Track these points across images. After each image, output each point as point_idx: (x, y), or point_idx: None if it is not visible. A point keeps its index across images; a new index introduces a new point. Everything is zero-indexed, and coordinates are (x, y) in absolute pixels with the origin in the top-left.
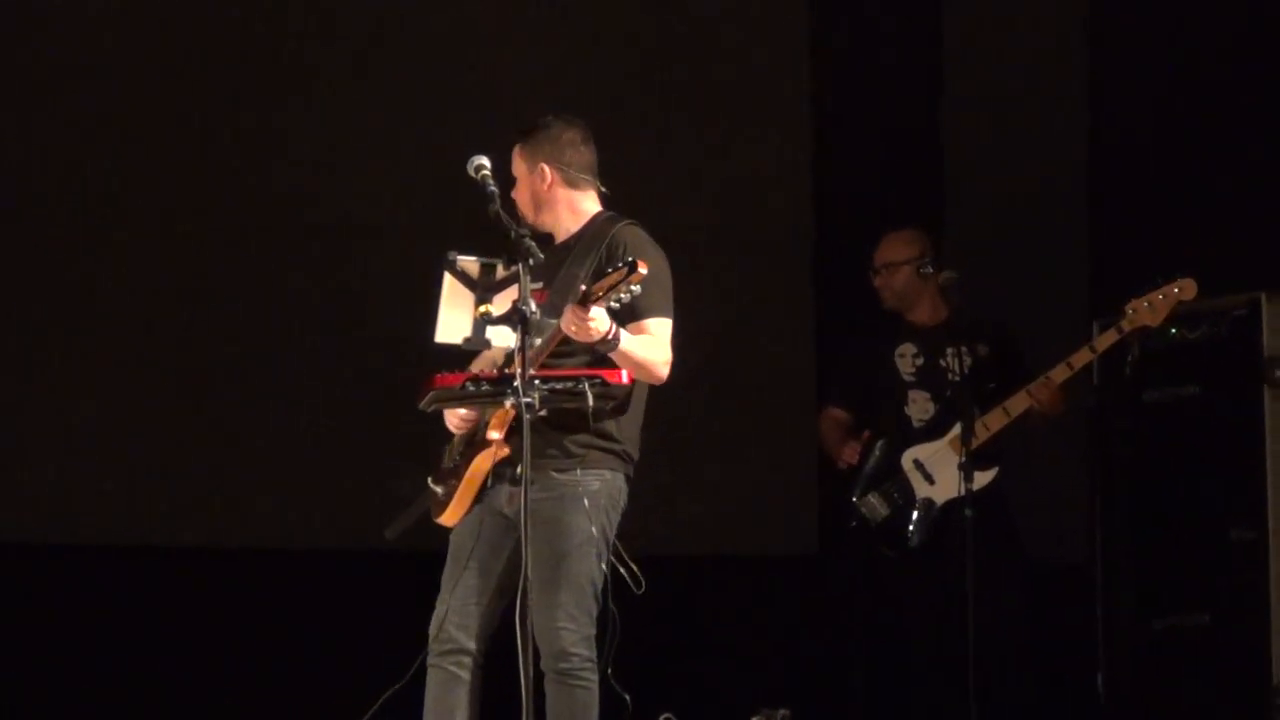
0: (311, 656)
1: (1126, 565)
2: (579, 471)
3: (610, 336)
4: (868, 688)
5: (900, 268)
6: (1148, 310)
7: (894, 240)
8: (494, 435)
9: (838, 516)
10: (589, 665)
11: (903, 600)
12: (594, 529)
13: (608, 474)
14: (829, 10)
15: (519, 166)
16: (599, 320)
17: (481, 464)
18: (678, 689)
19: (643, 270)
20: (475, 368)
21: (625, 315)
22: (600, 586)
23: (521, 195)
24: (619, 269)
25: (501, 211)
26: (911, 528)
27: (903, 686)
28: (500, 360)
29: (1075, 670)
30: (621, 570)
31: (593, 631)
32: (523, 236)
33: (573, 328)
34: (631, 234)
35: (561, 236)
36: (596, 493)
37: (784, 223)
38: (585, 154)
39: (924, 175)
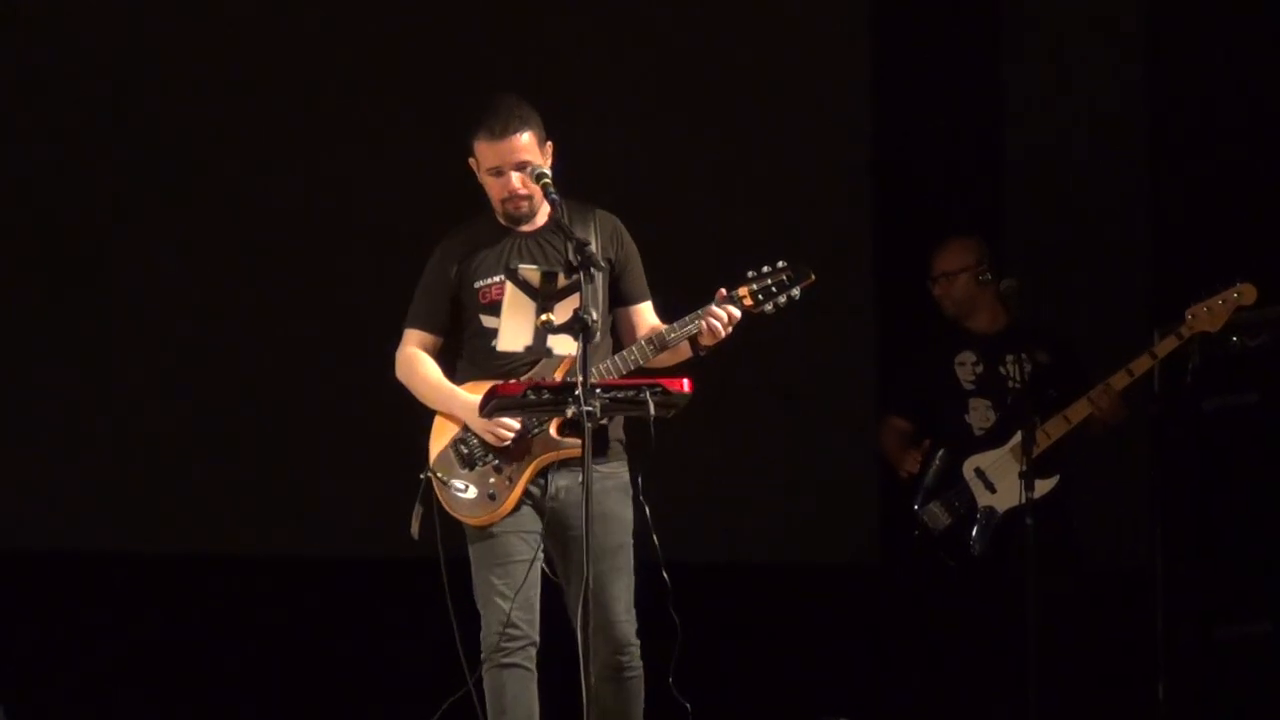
0: (354, 666)
1: (1188, 573)
2: (616, 463)
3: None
4: (928, 696)
5: (958, 275)
6: (1208, 315)
7: (951, 248)
8: (555, 434)
9: (899, 526)
10: (638, 649)
11: (964, 609)
12: (632, 517)
13: (624, 466)
14: (889, 17)
15: (533, 153)
16: None
17: (547, 459)
18: (738, 697)
19: (813, 277)
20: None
21: (619, 298)
22: None
23: (529, 183)
24: (779, 270)
25: (564, 222)
26: (973, 537)
27: (963, 695)
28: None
29: (1136, 679)
30: (665, 575)
31: None
32: (584, 245)
33: (725, 330)
34: (615, 221)
35: (540, 221)
36: (629, 483)
37: (844, 231)
38: None
39: (984, 182)
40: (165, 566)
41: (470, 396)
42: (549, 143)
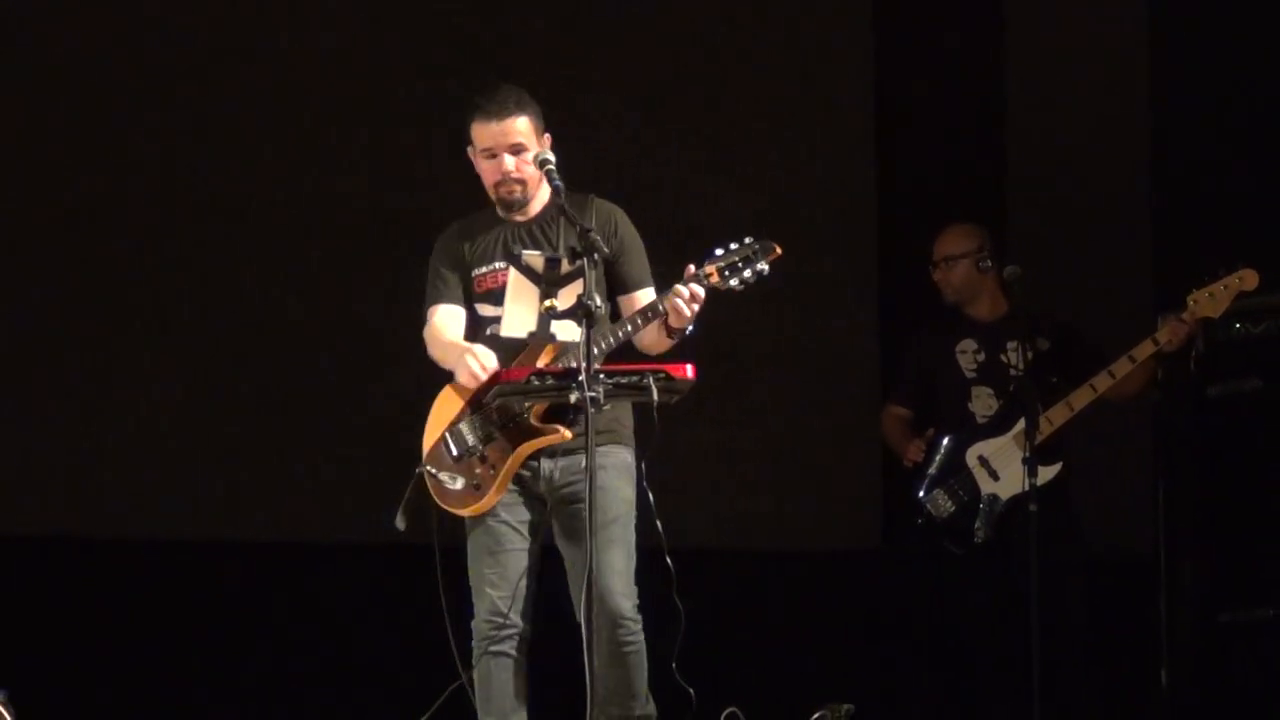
0: (352, 654)
1: (1191, 559)
2: (613, 445)
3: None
4: (931, 683)
5: (958, 261)
6: (1209, 300)
7: (952, 234)
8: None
9: (901, 512)
10: (639, 624)
11: (967, 596)
12: (633, 496)
13: (624, 449)
14: (892, 5)
15: (529, 139)
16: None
17: (527, 449)
18: (742, 684)
19: (778, 250)
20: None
21: (619, 286)
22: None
23: (529, 166)
24: (745, 245)
25: (567, 206)
26: (977, 524)
27: (966, 682)
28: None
29: (1139, 665)
30: (669, 561)
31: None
32: (588, 231)
33: (689, 309)
34: (613, 209)
35: (535, 209)
36: (629, 465)
37: (848, 219)
38: None
39: (987, 169)
40: (164, 552)
41: (462, 343)
42: (547, 135)
